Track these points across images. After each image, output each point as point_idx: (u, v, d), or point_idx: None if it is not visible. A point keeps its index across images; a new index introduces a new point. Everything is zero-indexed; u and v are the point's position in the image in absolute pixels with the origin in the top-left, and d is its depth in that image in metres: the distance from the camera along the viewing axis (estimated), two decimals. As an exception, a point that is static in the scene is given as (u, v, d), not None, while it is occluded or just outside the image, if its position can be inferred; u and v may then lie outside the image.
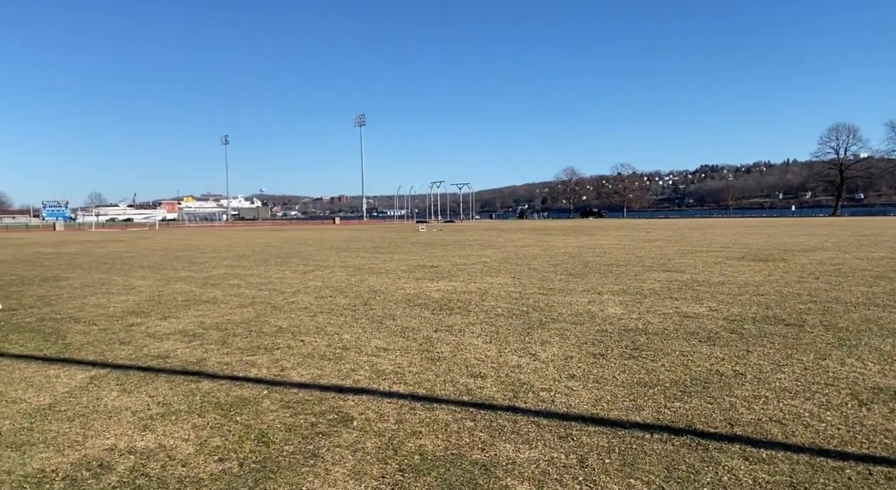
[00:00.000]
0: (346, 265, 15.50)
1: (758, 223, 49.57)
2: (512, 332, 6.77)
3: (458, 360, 5.54)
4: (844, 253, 16.32)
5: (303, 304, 9.05)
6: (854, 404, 4.14)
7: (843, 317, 7.19)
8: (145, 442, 3.73)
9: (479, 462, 3.34)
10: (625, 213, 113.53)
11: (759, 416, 3.95)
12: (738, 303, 8.35)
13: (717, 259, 15.19)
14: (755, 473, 3.13)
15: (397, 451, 3.51)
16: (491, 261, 16.12)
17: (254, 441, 3.70)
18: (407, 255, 18.66)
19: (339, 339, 6.52)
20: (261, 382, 4.95)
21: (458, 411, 4.17)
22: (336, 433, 3.80)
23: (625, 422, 3.91)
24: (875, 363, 5.15)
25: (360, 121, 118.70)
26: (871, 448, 3.42)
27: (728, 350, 5.72)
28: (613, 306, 8.30)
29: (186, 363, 5.63)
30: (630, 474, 3.15)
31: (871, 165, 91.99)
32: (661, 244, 21.94)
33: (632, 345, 6.02)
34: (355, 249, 22.32)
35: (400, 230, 48.93)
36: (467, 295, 9.65)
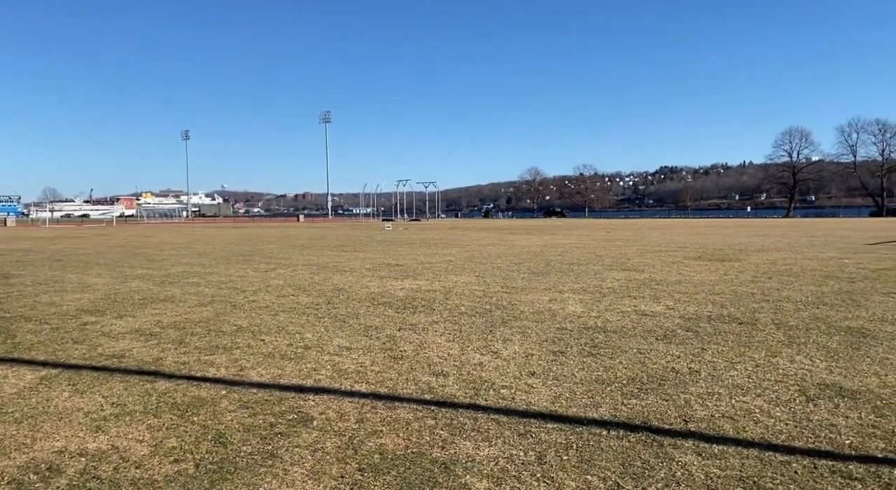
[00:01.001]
0: (310, 263, 15.35)
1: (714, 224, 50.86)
2: (475, 330, 6.81)
3: (420, 359, 5.55)
4: (796, 253, 16.88)
5: (264, 302, 8.94)
6: (802, 400, 4.29)
7: (794, 315, 7.44)
8: (97, 443, 3.64)
9: (439, 460, 3.35)
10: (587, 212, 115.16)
11: (712, 413, 4.06)
12: (694, 301, 8.56)
13: (674, 259, 15.54)
14: (707, 468, 3.22)
15: (357, 450, 3.50)
16: (456, 259, 16.17)
17: (211, 442, 3.64)
18: (372, 254, 18.58)
19: (301, 339, 6.46)
20: (219, 382, 4.87)
21: (420, 410, 4.17)
22: (295, 433, 3.77)
23: (583, 419, 3.98)
24: (822, 360, 5.34)
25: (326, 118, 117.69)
26: (817, 442, 3.55)
27: (684, 348, 5.86)
28: (574, 304, 8.41)
29: (142, 363, 5.50)
30: (587, 471, 3.21)
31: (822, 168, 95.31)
32: (621, 244, 22.33)
33: (591, 342, 6.12)
34: (319, 247, 22.11)
35: (365, 228, 48.68)
36: (431, 293, 9.66)
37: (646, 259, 15.54)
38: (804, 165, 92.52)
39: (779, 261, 14.63)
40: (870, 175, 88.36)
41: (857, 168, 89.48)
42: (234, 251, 20.19)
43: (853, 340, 6.07)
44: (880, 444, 3.51)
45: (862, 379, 4.76)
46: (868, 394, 4.40)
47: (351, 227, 54.19)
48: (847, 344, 5.93)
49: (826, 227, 39.33)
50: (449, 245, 22.87)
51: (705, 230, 35.18)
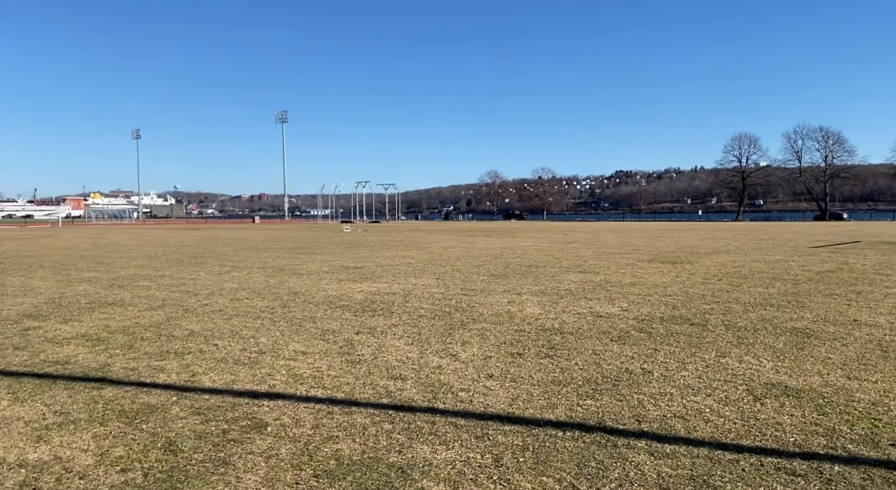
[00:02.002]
0: (266, 266, 15.09)
1: (667, 227, 52.14)
2: (434, 333, 6.80)
3: (378, 363, 5.51)
4: (745, 256, 17.43)
5: (217, 306, 8.74)
6: (749, 400, 4.43)
7: (742, 316, 7.68)
8: (39, 454, 3.49)
9: (396, 465, 3.33)
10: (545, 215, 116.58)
11: (664, 413, 4.15)
12: (648, 303, 8.75)
13: (629, 261, 15.85)
14: (659, 468, 3.28)
15: (312, 456, 3.45)
16: (415, 262, 16.14)
17: (160, 450, 3.53)
18: (330, 256, 18.39)
19: (256, 343, 6.34)
20: (170, 389, 4.74)
21: (377, 414, 4.14)
22: (249, 440, 3.69)
23: (539, 420, 4.01)
24: (769, 360, 5.53)
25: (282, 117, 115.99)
26: (764, 441, 3.66)
27: (637, 349, 5.98)
28: (532, 306, 8.50)
29: (88, 369, 5.31)
30: (543, 472, 3.24)
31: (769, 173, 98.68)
32: (578, 246, 22.68)
33: (548, 344, 6.19)
34: (275, 249, 21.77)
35: (324, 230, 48.16)
36: (391, 296, 9.61)
37: (601, 261, 15.81)
38: (753, 170, 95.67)
39: (729, 263, 15.09)
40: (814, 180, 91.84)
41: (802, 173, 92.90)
42: (187, 253, 19.70)
43: (798, 341, 6.30)
44: (822, 441, 3.64)
45: (806, 378, 4.94)
46: (811, 392, 4.56)
47: (308, 228, 53.53)
48: (792, 344, 6.14)
49: (773, 230, 40.75)
50: (409, 247, 22.82)
51: (658, 233, 36.02)
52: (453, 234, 35.91)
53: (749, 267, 14.08)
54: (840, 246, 21.90)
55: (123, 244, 25.73)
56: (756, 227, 51.64)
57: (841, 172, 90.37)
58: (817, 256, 17.13)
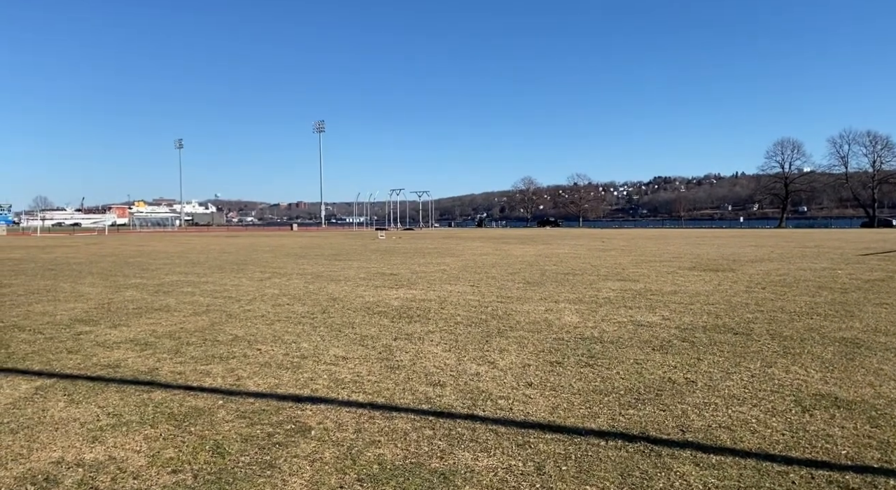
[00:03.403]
0: (304, 272, 15.32)
1: (708, 234, 51.10)
2: (471, 340, 6.81)
3: (417, 369, 5.54)
4: (789, 264, 16.98)
5: (259, 312, 8.92)
6: (798, 411, 4.32)
7: (788, 326, 7.48)
8: (94, 454, 3.62)
9: (438, 470, 3.35)
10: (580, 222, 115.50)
11: (709, 423, 4.08)
12: (690, 312, 8.60)
13: (669, 269, 15.60)
14: (705, 478, 3.23)
15: (356, 460, 3.50)
16: (450, 269, 16.18)
17: (208, 452, 3.63)
18: (366, 263, 18.57)
19: (297, 348, 6.44)
20: (216, 392, 4.86)
21: (418, 420, 4.17)
22: (293, 443, 3.76)
23: (581, 429, 3.99)
24: (817, 371, 5.38)
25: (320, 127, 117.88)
26: (814, 453, 3.57)
27: (680, 358, 5.89)
28: (570, 315, 8.43)
29: (138, 373, 5.47)
30: (585, 481, 3.22)
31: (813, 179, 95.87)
32: (616, 254, 22.41)
33: (587, 353, 6.14)
34: (313, 256, 22.08)
35: (359, 237, 48.64)
36: (427, 303, 9.66)
37: (641, 269, 15.60)
38: (796, 176, 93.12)
39: (772, 271, 14.72)
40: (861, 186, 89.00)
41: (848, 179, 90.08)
42: (229, 260, 20.14)
43: (847, 351, 6.11)
44: (876, 454, 3.53)
45: (857, 389, 4.79)
46: (863, 404, 4.43)
47: (344, 235, 54.14)
48: (841, 354, 5.97)
49: (818, 237, 39.59)
50: (443, 254, 22.88)
51: (699, 240, 35.34)
52: (487, 241, 35.87)
53: (794, 275, 13.71)
54: (890, 254, 21.14)
55: (167, 251, 26.43)
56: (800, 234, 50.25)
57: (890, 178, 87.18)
58: (866, 264, 16.57)
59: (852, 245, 27.64)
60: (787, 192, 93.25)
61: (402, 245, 32.20)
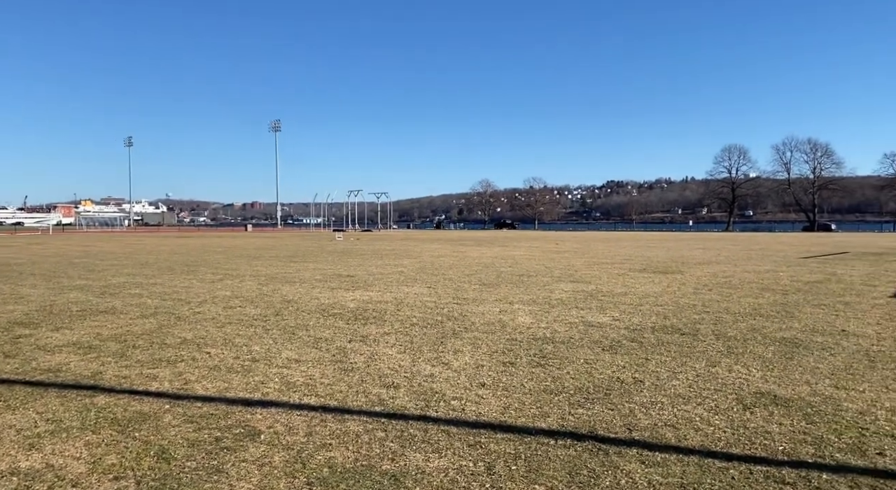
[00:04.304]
0: (258, 274, 15.07)
1: (658, 237, 52.39)
2: (426, 341, 6.82)
3: (371, 371, 5.52)
4: (735, 266, 17.56)
5: (210, 314, 8.73)
6: (739, 408, 4.48)
7: (732, 326, 7.75)
8: (31, 462, 3.48)
9: (389, 472, 3.35)
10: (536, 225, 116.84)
11: (655, 421, 4.19)
12: (639, 313, 8.81)
13: (620, 271, 15.94)
14: (650, 476, 3.32)
15: (306, 464, 3.47)
16: (407, 270, 16.16)
17: (153, 458, 3.54)
18: (322, 265, 18.38)
19: (249, 351, 6.34)
20: (162, 396, 4.74)
21: (370, 422, 4.16)
22: (242, 448, 3.70)
23: (531, 428, 4.04)
24: (758, 369, 5.58)
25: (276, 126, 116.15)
26: (753, 449, 3.71)
27: (629, 358, 6.03)
28: (523, 316, 8.53)
29: (80, 377, 5.29)
30: (535, 480, 3.27)
31: (758, 185, 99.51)
32: (569, 256, 22.77)
33: (540, 353, 6.22)
34: (268, 258, 21.73)
35: (316, 238, 48.08)
36: (383, 304, 9.63)
37: (593, 271, 15.89)
38: (742, 181, 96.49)
39: (719, 273, 15.20)
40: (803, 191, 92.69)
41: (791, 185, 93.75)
42: (179, 261, 19.64)
43: (787, 350, 6.37)
44: (810, 450, 3.69)
45: (794, 387, 5.00)
46: (800, 401, 4.62)
47: (301, 237, 53.44)
48: (781, 354, 6.21)
49: (763, 240, 41.06)
50: (400, 256, 22.83)
51: (649, 243, 36.20)
52: (445, 243, 35.95)
53: (739, 277, 14.19)
54: (828, 257, 22.10)
55: (115, 252, 25.60)
56: (746, 237, 51.97)
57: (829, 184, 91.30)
58: (806, 267, 17.28)
59: (794, 248, 28.77)
60: (734, 197, 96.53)
61: (359, 246, 31.98)
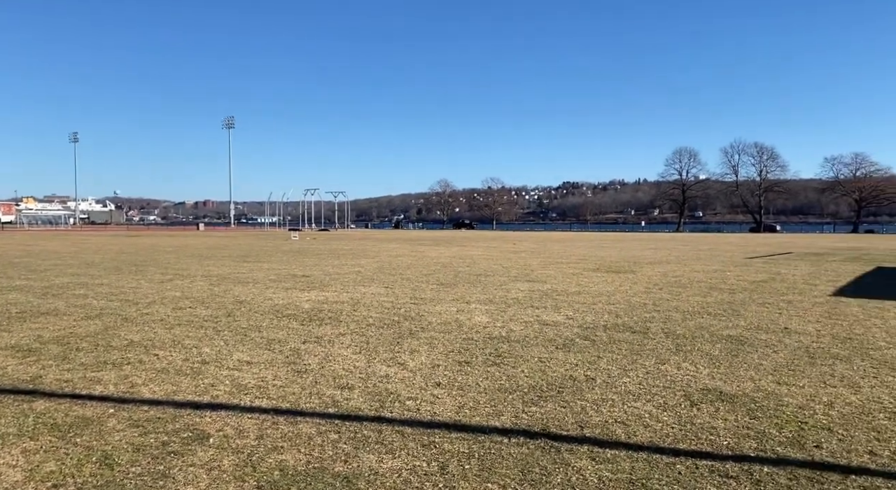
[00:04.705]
0: (210, 274, 14.73)
1: (612, 237, 53.45)
2: (382, 341, 6.79)
3: (325, 372, 5.46)
4: (684, 266, 18.05)
5: (158, 315, 8.49)
6: (686, 405, 4.60)
7: (681, 324, 7.96)
8: (-37, 472, 3.32)
9: (342, 474, 3.32)
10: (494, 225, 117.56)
11: (606, 418, 4.27)
12: (592, 311, 8.96)
13: (575, 270, 16.19)
14: (600, 472, 3.38)
15: (256, 467, 3.40)
16: (365, 270, 16.05)
17: (95, 464, 3.41)
18: (277, 264, 18.09)
19: (198, 353, 6.19)
20: (106, 401, 4.58)
21: (323, 424, 4.11)
22: (190, 452, 3.60)
23: (485, 427, 4.06)
24: (705, 367, 5.75)
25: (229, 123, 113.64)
26: (699, 444, 3.82)
27: (581, 356, 6.12)
28: (480, 315, 8.58)
29: (18, 381, 5.07)
30: (487, 479, 3.28)
31: (708, 186, 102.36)
32: (526, 255, 23.01)
33: (495, 352, 6.26)
34: (220, 257, 21.27)
35: (271, 238, 47.31)
36: (339, 305, 9.54)
37: (548, 270, 16.09)
38: (693, 183, 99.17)
39: (669, 273, 15.59)
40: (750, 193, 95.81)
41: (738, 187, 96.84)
42: (127, 261, 19.04)
43: (732, 348, 6.58)
44: (753, 444, 3.81)
45: (739, 384, 5.17)
46: (744, 397, 4.78)
47: (255, 236, 52.48)
48: (727, 351, 6.41)
49: (711, 241, 42.30)
50: (358, 256, 22.67)
51: (603, 243, 36.89)
52: (403, 243, 35.87)
53: (688, 276, 14.59)
54: (773, 257, 22.93)
55: (58, 251, 24.65)
56: (695, 237, 53.47)
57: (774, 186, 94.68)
58: (752, 267, 17.88)
59: (741, 248, 29.73)
60: (684, 198, 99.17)
61: (316, 246, 31.61)
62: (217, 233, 66.71)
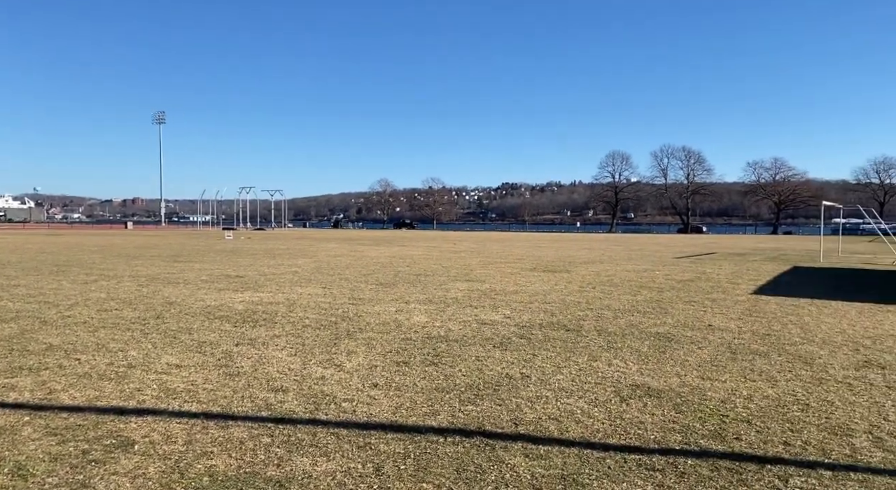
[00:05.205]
0: (138, 275, 14.15)
1: (549, 237, 54.56)
2: (318, 343, 6.70)
3: (259, 375, 5.34)
4: (616, 265, 18.62)
5: (81, 318, 8.09)
6: (616, 400, 4.75)
7: (612, 322, 8.20)
8: None
9: (274, 479, 3.25)
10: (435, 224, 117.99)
11: (539, 415, 4.35)
12: (529, 310, 9.12)
13: (513, 270, 16.44)
14: (533, 469, 3.44)
15: (184, 474, 3.29)
16: (302, 270, 15.78)
17: (7, 475, 3.22)
18: (209, 265, 17.55)
19: (124, 357, 5.93)
20: (21, 408, 4.33)
21: (256, 428, 4.02)
22: (113, 460, 3.45)
23: (422, 427, 4.07)
24: (635, 363, 5.95)
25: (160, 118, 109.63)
26: (628, 439, 3.94)
27: (518, 354, 6.23)
28: (419, 315, 8.59)
29: (-79, 391, 4.72)
30: (422, 478, 3.29)
31: (639, 189, 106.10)
32: (466, 255, 23.19)
33: (433, 352, 6.29)
34: (150, 257, 20.46)
35: (204, 237, 45.85)
36: (274, 306, 9.34)
37: (487, 270, 16.27)
38: (625, 186, 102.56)
39: (602, 272, 16.05)
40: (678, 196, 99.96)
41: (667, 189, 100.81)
42: (48, 261, 18.05)
43: (660, 344, 6.83)
44: (678, 437, 3.97)
45: (666, 379, 5.37)
46: (670, 392, 4.97)
47: (187, 235, 50.76)
48: (655, 348, 6.65)
49: (642, 241, 43.79)
50: (295, 256, 22.26)
51: (540, 243, 37.60)
52: (342, 243, 35.47)
53: (620, 276, 15.06)
54: (699, 257, 23.94)
55: (-31, 250, 23.11)
56: (627, 238, 55.22)
57: (701, 189, 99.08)
58: (679, 266, 18.62)
59: (669, 249, 30.93)
60: (617, 200, 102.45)
61: (251, 246, 30.85)
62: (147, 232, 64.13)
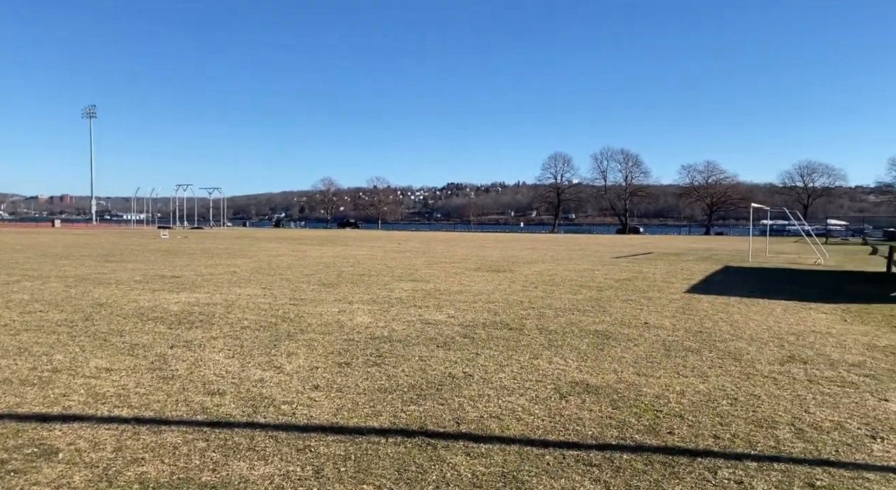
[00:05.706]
0: (65, 275, 13.49)
1: (493, 237, 55.12)
2: (258, 345, 6.55)
3: (194, 378, 5.18)
4: (558, 265, 18.98)
5: (2, 320, 7.65)
6: (556, 397, 4.83)
7: (553, 321, 8.36)
8: None
9: (209, 484, 3.16)
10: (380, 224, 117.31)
11: (481, 414, 4.39)
12: (472, 310, 9.19)
13: (457, 270, 16.52)
14: (474, 467, 3.46)
15: (112, 482, 3.16)
16: (241, 271, 15.40)
17: (-84, 492, 3.02)
18: (143, 264, 16.91)
19: (49, 361, 5.64)
20: (-67, 418, 4.06)
21: (190, 432, 3.90)
22: (35, 469, 3.28)
23: (363, 428, 4.04)
24: (574, 360, 6.08)
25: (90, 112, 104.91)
26: (567, 435, 4.02)
27: (461, 353, 6.26)
28: (362, 315, 8.52)
29: None
30: (363, 480, 3.27)
31: (580, 190, 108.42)
32: (411, 255, 23.15)
33: (376, 352, 6.25)
34: (79, 257, 19.55)
35: (137, 236, 44.14)
36: (211, 307, 9.08)
37: (432, 270, 16.29)
38: (566, 187, 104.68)
39: (544, 272, 16.33)
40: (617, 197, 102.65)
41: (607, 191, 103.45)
42: (-35, 260, 16.98)
43: (599, 342, 7.00)
44: (615, 433, 4.08)
45: (603, 376, 5.51)
46: (607, 389, 5.10)
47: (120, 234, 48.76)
48: (594, 345, 6.81)
49: (582, 242, 44.81)
50: (234, 255, 21.71)
51: (485, 243, 37.93)
52: (284, 242, 34.82)
53: (561, 275, 15.36)
54: (636, 257, 24.68)
55: None
56: (569, 238, 56.36)
57: (638, 191, 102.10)
58: (617, 266, 19.14)
59: (608, 249, 31.76)
60: (559, 201, 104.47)
61: (187, 245, 29.89)
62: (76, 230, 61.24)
